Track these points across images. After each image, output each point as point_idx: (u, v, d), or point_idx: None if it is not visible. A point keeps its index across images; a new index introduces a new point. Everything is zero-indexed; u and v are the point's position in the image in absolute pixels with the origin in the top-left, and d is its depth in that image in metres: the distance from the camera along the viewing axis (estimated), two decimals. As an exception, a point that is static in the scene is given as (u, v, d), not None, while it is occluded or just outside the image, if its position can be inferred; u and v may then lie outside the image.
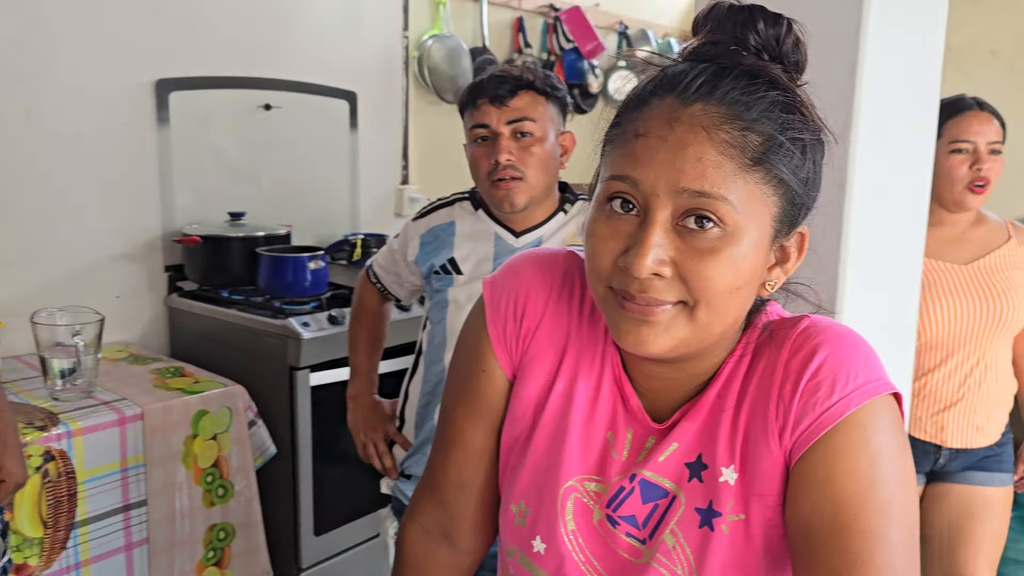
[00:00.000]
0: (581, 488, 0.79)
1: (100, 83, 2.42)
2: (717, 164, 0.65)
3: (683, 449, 0.75)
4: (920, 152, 1.31)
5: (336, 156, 3.10)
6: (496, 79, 1.49)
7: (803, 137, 0.69)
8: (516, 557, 0.84)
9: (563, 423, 0.81)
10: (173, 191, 2.60)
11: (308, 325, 2.27)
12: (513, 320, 0.84)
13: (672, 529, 0.74)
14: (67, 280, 2.40)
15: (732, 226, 0.66)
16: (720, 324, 0.70)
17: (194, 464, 2.08)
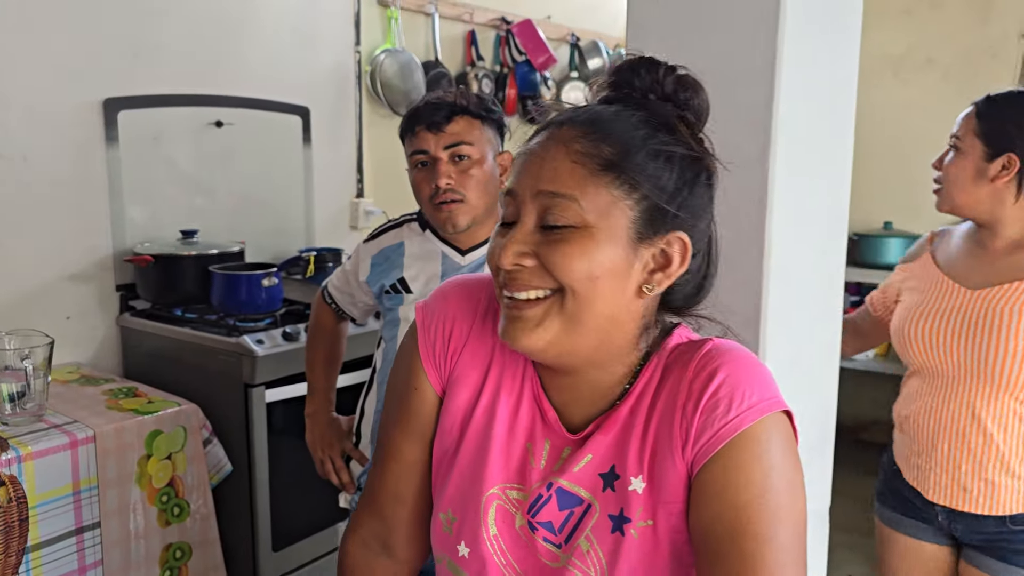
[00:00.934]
0: (503, 496, 0.84)
1: (47, 103, 2.41)
2: (570, 170, 0.76)
3: (597, 460, 0.81)
4: (837, 167, 1.37)
5: (290, 171, 3.12)
6: (432, 106, 1.54)
7: (672, 151, 0.78)
8: (444, 563, 0.88)
9: (486, 435, 0.86)
10: (123, 210, 2.60)
11: (262, 342, 2.29)
12: (442, 341, 0.90)
13: (587, 535, 0.80)
14: (16, 302, 2.39)
15: (583, 223, 0.75)
16: (590, 316, 0.77)
17: (148, 484, 2.08)
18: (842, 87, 1.37)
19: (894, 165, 4.20)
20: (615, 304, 0.78)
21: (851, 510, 3.60)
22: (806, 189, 1.32)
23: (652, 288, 0.79)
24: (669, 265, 0.80)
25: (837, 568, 3.09)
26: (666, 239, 0.79)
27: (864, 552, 3.22)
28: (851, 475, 3.97)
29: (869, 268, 4.07)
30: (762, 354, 1.25)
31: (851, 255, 4.18)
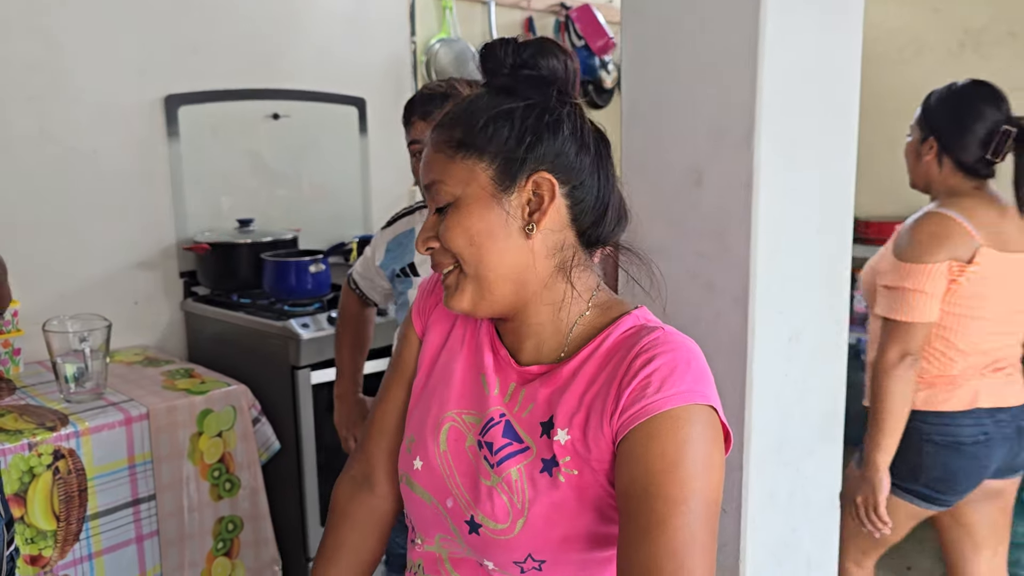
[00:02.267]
0: (459, 419, 0.95)
1: (112, 101, 2.57)
2: (434, 160, 0.90)
3: (538, 410, 0.90)
4: (838, 147, 1.34)
5: (347, 161, 3.22)
6: (424, 97, 1.61)
7: (509, 108, 0.88)
8: (404, 480, 0.98)
9: (449, 370, 0.99)
10: (185, 201, 2.74)
11: (308, 326, 2.38)
12: (432, 296, 1.05)
13: (519, 468, 0.89)
14: (86, 289, 2.56)
15: (453, 198, 0.88)
16: (490, 270, 0.88)
17: (200, 460, 2.21)
18: (843, 67, 1.34)
19: (974, 142, 4.01)
20: (506, 252, 0.88)
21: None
22: (799, 170, 1.29)
23: (532, 228, 0.88)
24: (542, 204, 0.88)
25: (899, 561, 3.00)
26: (531, 181, 0.88)
27: (933, 546, 3.11)
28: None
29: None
30: (751, 332, 1.24)
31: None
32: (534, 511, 0.86)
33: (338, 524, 1.09)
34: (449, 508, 0.92)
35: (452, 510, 0.92)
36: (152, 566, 2.14)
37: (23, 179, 2.43)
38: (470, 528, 0.90)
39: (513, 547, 0.87)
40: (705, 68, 1.19)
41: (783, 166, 1.25)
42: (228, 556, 2.29)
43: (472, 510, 0.90)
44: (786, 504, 1.30)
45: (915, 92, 4.08)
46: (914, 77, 4.14)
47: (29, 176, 2.43)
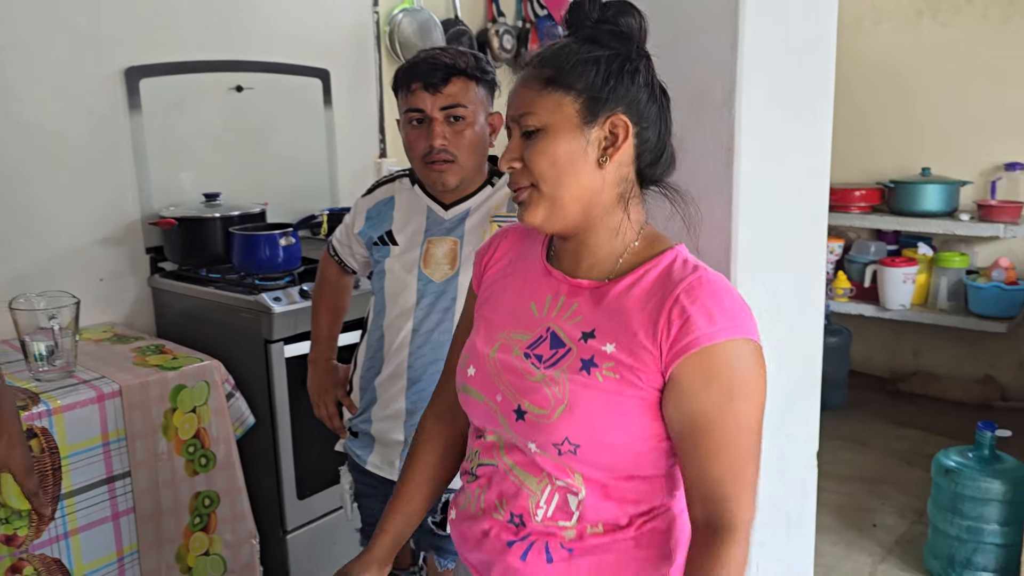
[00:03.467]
0: (508, 337, 1.11)
1: (71, 74, 2.50)
2: (523, 95, 1.04)
3: (583, 322, 1.06)
4: (816, 110, 1.36)
5: (312, 133, 3.18)
6: (429, 65, 1.55)
7: (595, 55, 1.02)
8: (461, 390, 1.15)
9: (498, 301, 1.17)
10: (148, 175, 2.69)
11: (280, 299, 2.36)
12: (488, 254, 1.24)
13: (563, 368, 1.04)
14: (51, 266, 2.51)
15: (541, 125, 1.02)
16: (563, 191, 1.03)
17: (175, 436, 2.19)
18: (818, 29, 1.35)
19: (932, 109, 4.09)
20: (581, 177, 1.03)
21: (883, 462, 3.59)
22: (778, 133, 1.31)
23: (607, 159, 1.03)
24: (616, 141, 1.03)
25: (865, 517, 3.09)
26: (609, 121, 1.02)
27: (895, 504, 3.21)
28: (886, 426, 3.95)
29: (907, 216, 3.98)
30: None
31: (887, 202, 4.10)
32: (572, 401, 1.01)
33: (424, 445, 1.29)
34: (498, 402, 1.09)
35: (501, 403, 1.08)
36: (129, 543, 2.12)
37: (-20, 155, 2.36)
38: (517, 416, 1.05)
39: (553, 431, 1.02)
40: (684, 32, 1.20)
41: (763, 130, 1.26)
42: (205, 531, 2.28)
43: (519, 400, 1.05)
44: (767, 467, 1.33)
45: (876, 61, 4.17)
46: (874, 46, 4.21)
47: (-14, 152, 2.37)
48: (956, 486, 2.57)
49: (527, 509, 1.07)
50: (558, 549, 1.06)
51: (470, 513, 1.14)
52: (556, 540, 1.06)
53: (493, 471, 1.11)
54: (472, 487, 1.15)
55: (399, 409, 1.64)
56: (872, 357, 4.55)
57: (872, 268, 4.07)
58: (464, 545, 1.16)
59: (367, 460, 1.72)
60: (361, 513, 1.81)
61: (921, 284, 4.04)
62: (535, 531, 1.07)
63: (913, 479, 3.35)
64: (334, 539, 2.59)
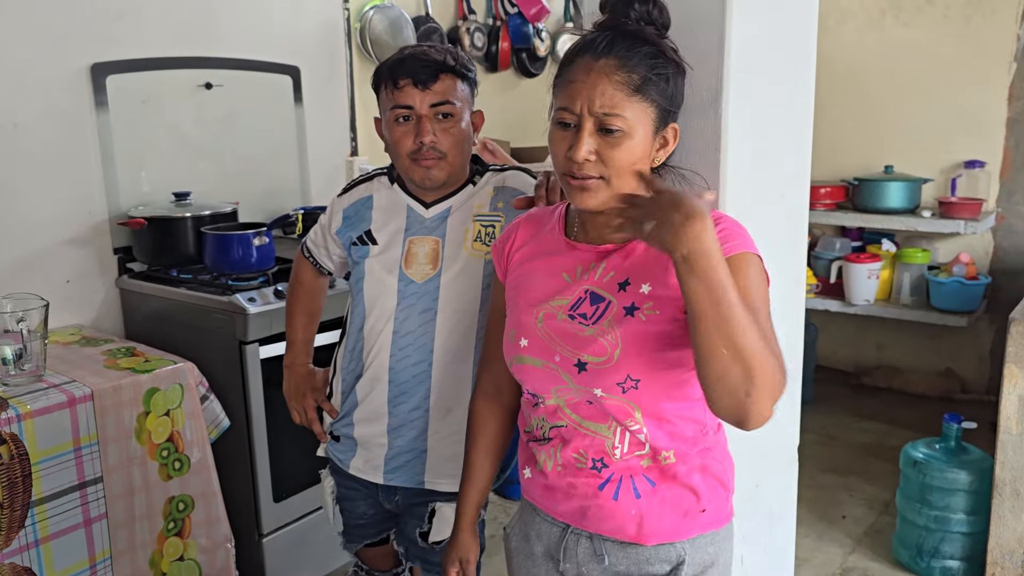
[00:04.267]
0: (548, 306, 1.23)
1: (34, 71, 2.44)
2: (612, 94, 1.12)
3: (617, 275, 1.19)
4: (797, 111, 1.38)
5: (282, 131, 3.14)
6: (419, 62, 1.52)
7: (666, 72, 1.15)
8: (514, 362, 1.26)
9: (528, 279, 1.28)
10: (116, 174, 2.64)
11: (254, 300, 2.33)
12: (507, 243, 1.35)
13: (609, 319, 1.17)
14: (17, 266, 2.45)
15: (627, 129, 1.12)
16: (627, 187, 1.14)
17: (148, 440, 2.15)
18: (801, 31, 1.37)
19: (894, 108, 4.16)
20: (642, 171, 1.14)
21: (850, 455, 3.65)
22: (763, 133, 1.33)
23: (658, 160, 1.19)
24: (667, 145, 1.18)
25: (835, 510, 3.15)
26: (667, 129, 1.17)
27: (863, 495, 3.26)
28: (851, 420, 4.02)
29: (870, 213, 4.04)
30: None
31: (852, 200, 4.17)
32: (626, 343, 1.14)
33: (482, 425, 1.43)
34: (557, 362, 1.20)
35: (560, 362, 1.20)
36: (101, 549, 2.08)
37: (-58, 154, 2.30)
38: (579, 369, 1.18)
39: (615, 372, 1.15)
40: (673, 33, 1.21)
41: (750, 129, 1.28)
42: (180, 536, 2.25)
43: (578, 354, 1.18)
44: (750, 462, 1.35)
45: (840, 60, 4.24)
46: (839, 45, 4.27)
47: (-52, 151, 2.31)
48: (924, 477, 2.62)
49: (605, 451, 1.20)
50: (643, 482, 1.20)
51: (548, 470, 1.26)
52: (639, 474, 1.20)
53: (563, 430, 1.23)
54: (546, 448, 1.26)
55: (381, 413, 1.62)
56: (837, 351, 4.62)
57: (838, 264, 4.14)
58: (549, 498, 1.28)
59: (350, 464, 1.70)
60: (343, 516, 1.79)
61: (885, 279, 4.11)
62: (617, 469, 1.20)
63: (880, 471, 3.41)
64: (311, 541, 2.56)
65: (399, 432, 1.61)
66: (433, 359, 1.57)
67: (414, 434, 1.61)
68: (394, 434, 1.62)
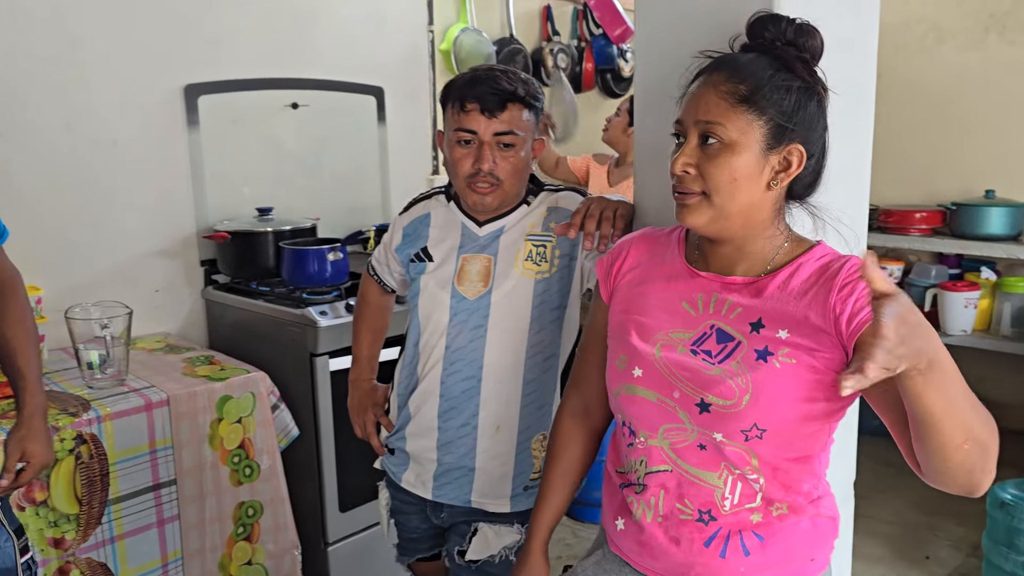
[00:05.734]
0: (667, 336, 1.16)
1: (132, 92, 2.59)
2: (716, 104, 1.08)
3: (746, 313, 1.12)
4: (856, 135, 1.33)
5: (365, 150, 3.23)
6: (489, 88, 1.52)
7: (788, 84, 1.08)
8: (623, 391, 1.19)
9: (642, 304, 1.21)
10: (205, 190, 2.76)
11: (326, 313, 2.40)
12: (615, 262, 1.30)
13: (738, 360, 1.10)
14: (109, 277, 2.59)
15: (728, 141, 1.07)
16: (733, 205, 1.09)
17: (220, 446, 2.23)
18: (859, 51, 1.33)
19: (996, 130, 3.96)
20: (751, 195, 1.09)
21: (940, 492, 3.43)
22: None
23: (777, 183, 1.10)
24: (789, 167, 1.10)
25: (918, 549, 2.99)
26: (788, 149, 1.09)
27: (949, 536, 3.10)
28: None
29: (969, 239, 3.85)
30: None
31: (949, 225, 3.98)
32: (757, 389, 1.07)
33: (565, 444, 1.38)
34: (676, 398, 1.13)
35: (680, 399, 1.13)
36: (173, 550, 2.17)
37: (48, 170, 2.46)
38: (700, 409, 1.10)
39: (741, 418, 1.08)
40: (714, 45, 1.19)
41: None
42: (248, 540, 2.32)
43: (701, 394, 1.10)
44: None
45: (938, 81, 4.07)
46: (937, 65, 4.10)
47: (53, 167, 2.47)
48: (1012, 520, 2.47)
49: (714, 502, 1.13)
50: (751, 538, 1.12)
51: (647, 522, 1.18)
52: (748, 530, 1.12)
53: (666, 476, 1.16)
54: (644, 497, 1.18)
55: (431, 427, 1.64)
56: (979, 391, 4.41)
57: (932, 292, 3.95)
58: (646, 553, 1.19)
59: (402, 477, 1.73)
60: (397, 529, 1.82)
61: (984, 309, 3.90)
62: (726, 523, 1.13)
63: (971, 511, 3.23)
64: (375, 553, 2.60)
65: (448, 448, 1.63)
66: (482, 375, 1.58)
67: (463, 451, 1.62)
68: (443, 450, 1.63)
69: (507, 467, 1.62)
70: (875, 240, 4.10)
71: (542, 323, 1.58)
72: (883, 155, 4.24)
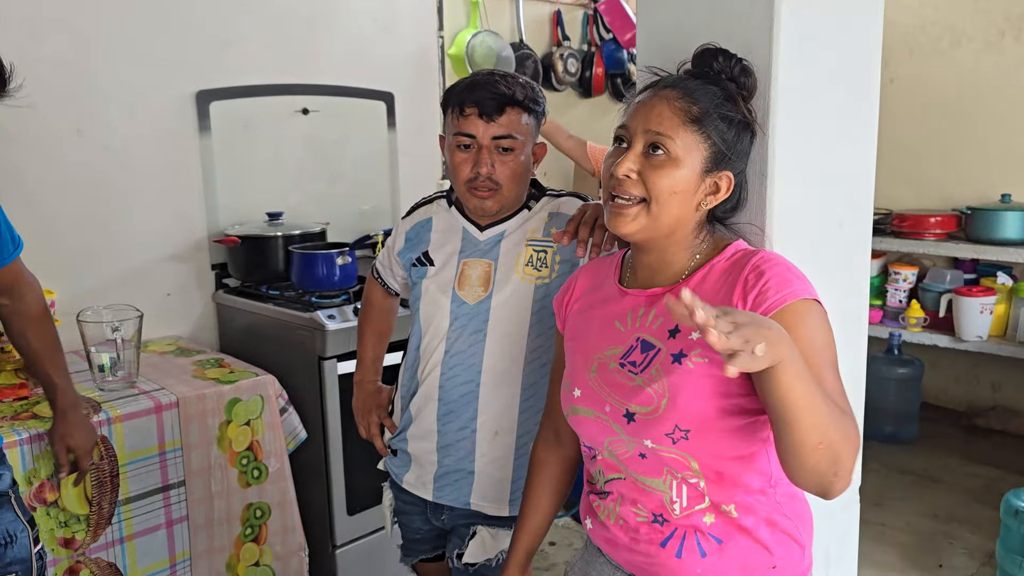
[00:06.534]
0: (602, 355, 1.22)
1: (144, 97, 2.62)
2: (669, 118, 1.12)
3: (666, 322, 1.16)
4: (858, 138, 1.33)
5: (375, 155, 3.25)
6: (488, 92, 1.53)
7: (732, 115, 1.15)
8: (570, 412, 1.26)
9: (584, 328, 1.28)
10: (216, 194, 2.79)
11: (334, 317, 2.41)
12: (564, 298, 1.37)
13: (657, 367, 1.14)
14: (121, 281, 2.62)
15: (674, 155, 1.12)
16: (666, 216, 1.14)
17: (229, 448, 2.25)
18: (862, 55, 1.32)
19: (1013, 134, 3.93)
20: (682, 210, 1.14)
21: (955, 500, 3.44)
22: (816, 160, 1.28)
23: (706, 204, 1.16)
24: (718, 192, 1.16)
25: (931, 557, 2.96)
26: (720, 175, 1.15)
27: (964, 544, 3.07)
28: (959, 463, 3.78)
29: (985, 244, 3.82)
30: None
31: (964, 230, 3.95)
32: (672, 392, 1.11)
33: (538, 471, 1.45)
34: (607, 412, 1.18)
35: (610, 412, 1.18)
36: (181, 550, 2.19)
37: (60, 175, 2.49)
38: (628, 419, 1.15)
39: (662, 422, 1.11)
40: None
41: (802, 153, 1.24)
42: (256, 542, 2.34)
43: (626, 404, 1.16)
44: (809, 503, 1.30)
45: (952, 85, 4.04)
46: (953, 68, 4.08)
47: (65, 172, 2.50)
48: (1027, 528, 2.44)
49: (664, 506, 1.17)
50: (708, 540, 1.15)
51: (610, 523, 1.25)
52: (704, 532, 1.15)
53: (621, 483, 1.22)
54: (606, 502, 1.25)
55: (431, 430, 1.65)
56: (947, 390, 4.37)
57: (947, 297, 3.92)
58: (616, 550, 1.26)
59: (403, 478, 1.73)
60: (401, 530, 1.83)
61: (1000, 315, 3.86)
62: (679, 524, 1.17)
63: (986, 518, 3.20)
64: (383, 556, 2.61)
65: (447, 451, 1.64)
66: (481, 380, 1.59)
67: (462, 454, 1.63)
68: (443, 452, 1.64)
69: (506, 471, 1.62)
70: (889, 244, 4.07)
71: (541, 328, 1.58)
72: (897, 159, 4.23)
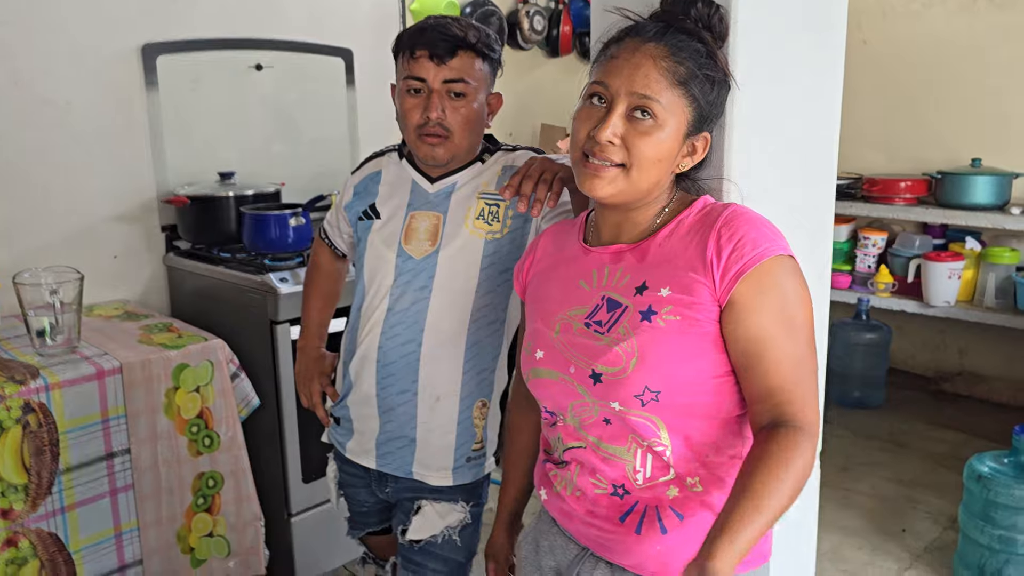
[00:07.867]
0: (565, 315, 1.17)
1: (87, 49, 2.50)
2: (657, 80, 1.06)
3: (633, 278, 1.12)
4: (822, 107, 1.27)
5: (334, 114, 3.14)
6: (438, 34, 1.47)
7: (713, 75, 1.10)
8: (529, 374, 1.21)
9: (545, 290, 1.24)
10: (165, 153, 2.68)
11: (286, 280, 2.33)
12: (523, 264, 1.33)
13: (625, 325, 1.09)
14: (65, 243, 2.52)
15: (660, 119, 1.06)
16: (645, 182, 1.09)
17: (177, 415, 2.17)
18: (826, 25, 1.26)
19: (983, 98, 3.90)
20: (661, 173, 1.10)
21: (920, 465, 3.44)
22: (779, 120, 1.23)
23: (683, 166, 1.13)
24: (695, 153, 1.13)
25: (895, 522, 2.96)
26: (700, 136, 1.11)
27: (928, 508, 3.07)
28: (925, 427, 3.79)
29: (954, 209, 3.80)
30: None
31: (934, 194, 3.92)
32: (643, 351, 1.06)
33: (515, 436, 1.43)
34: (572, 374, 1.13)
35: (575, 374, 1.13)
36: (127, 519, 2.12)
37: (-5, 130, 2.37)
38: (594, 380, 1.10)
39: (631, 383, 1.06)
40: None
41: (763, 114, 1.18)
42: (209, 512, 2.27)
43: (592, 364, 1.10)
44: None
45: (926, 46, 3.99)
46: (925, 30, 4.02)
47: (1, 127, 2.38)
48: (989, 493, 2.43)
49: (626, 476, 1.12)
50: (670, 516, 1.11)
51: (567, 494, 1.20)
52: (666, 506, 1.11)
53: (581, 452, 1.16)
54: (563, 471, 1.20)
55: (371, 395, 1.58)
56: (915, 355, 4.38)
57: (916, 262, 3.91)
58: (571, 521, 1.21)
59: (346, 447, 1.67)
60: (347, 503, 1.76)
61: (968, 280, 3.86)
62: (641, 497, 1.12)
63: (950, 483, 3.20)
64: (340, 524, 2.55)
65: (389, 416, 1.57)
66: (423, 339, 1.52)
67: (403, 419, 1.56)
68: (385, 417, 1.58)
69: (448, 438, 1.56)
70: (859, 209, 4.04)
71: (490, 286, 1.51)
72: (868, 122, 4.19)
